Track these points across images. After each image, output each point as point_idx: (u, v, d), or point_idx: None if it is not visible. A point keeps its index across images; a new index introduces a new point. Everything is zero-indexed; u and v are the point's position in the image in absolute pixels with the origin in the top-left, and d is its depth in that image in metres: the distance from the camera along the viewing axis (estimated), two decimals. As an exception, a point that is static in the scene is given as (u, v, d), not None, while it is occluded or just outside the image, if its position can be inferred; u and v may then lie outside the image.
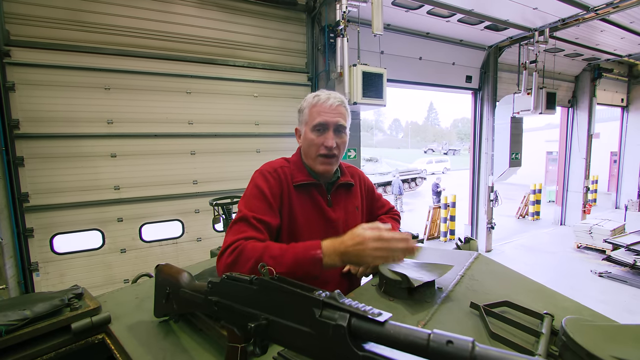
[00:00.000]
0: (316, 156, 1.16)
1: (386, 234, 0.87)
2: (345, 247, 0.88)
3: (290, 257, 0.90)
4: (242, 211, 1.05)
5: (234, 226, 1.03)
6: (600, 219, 7.43)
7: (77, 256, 3.57)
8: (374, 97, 4.28)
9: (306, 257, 0.89)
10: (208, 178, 4.17)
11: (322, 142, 1.14)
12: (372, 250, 0.86)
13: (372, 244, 0.86)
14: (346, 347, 0.41)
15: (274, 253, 0.92)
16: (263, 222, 1.04)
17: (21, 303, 0.88)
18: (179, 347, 0.83)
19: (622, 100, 10.34)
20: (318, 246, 0.90)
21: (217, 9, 4.03)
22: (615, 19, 5.74)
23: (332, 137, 1.14)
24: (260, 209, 1.06)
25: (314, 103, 1.16)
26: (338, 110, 1.15)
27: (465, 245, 1.43)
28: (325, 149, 1.14)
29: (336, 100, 1.16)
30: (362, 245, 0.86)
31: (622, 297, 5.00)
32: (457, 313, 0.87)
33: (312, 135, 1.15)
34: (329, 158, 1.15)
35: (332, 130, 1.15)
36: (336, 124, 1.15)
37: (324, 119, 1.13)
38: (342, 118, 1.16)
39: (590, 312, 0.87)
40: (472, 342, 0.33)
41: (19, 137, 3.20)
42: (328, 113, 1.14)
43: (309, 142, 1.16)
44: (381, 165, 17.76)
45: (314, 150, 1.16)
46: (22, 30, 3.15)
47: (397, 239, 0.87)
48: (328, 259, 0.89)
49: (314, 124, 1.14)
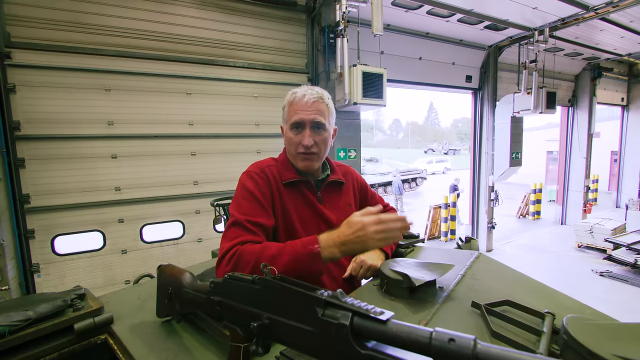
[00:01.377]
0: (296, 154, 1.15)
1: (384, 216, 0.90)
2: (344, 237, 0.89)
3: (288, 254, 0.90)
4: (235, 215, 1.04)
5: (228, 231, 1.02)
6: (601, 218, 7.42)
7: (78, 257, 3.57)
8: (374, 98, 4.28)
9: (305, 253, 0.89)
10: (208, 179, 4.17)
11: (299, 140, 1.12)
12: (373, 234, 0.87)
13: (373, 228, 0.87)
14: (349, 345, 0.41)
15: (272, 252, 0.91)
16: (257, 225, 1.03)
17: (24, 304, 0.88)
18: (182, 347, 0.83)
19: (622, 99, 10.33)
20: (315, 241, 0.90)
21: (217, 10, 4.03)
22: (615, 18, 5.74)
23: (308, 135, 1.11)
24: (253, 211, 1.05)
25: (291, 100, 1.14)
26: (315, 106, 1.11)
27: (466, 244, 1.44)
28: (302, 147, 1.12)
29: (312, 96, 1.11)
30: (362, 231, 0.87)
31: (623, 296, 5.00)
32: (459, 312, 0.87)
33: (291, 134, 1.14)
34: (308, 155, 1.14)
35: (309, 128, 1.12)
36: (312, 121, 1.11)
37: (300, 117, 1.11)
38: (320, 114, 1.12)
39: (591, 311, 0.87)
40: (474, 339, 0.33)
41: (19, 138, 3.20)
42: (304, 111, 1.10)
43: (288, 140, 1.15)
44: (381, 165, 17.78)
45: (293, 148, 1.15)
46: (22, 32, 3.16)
47: (394, 219, 0.90)
48: (327, 252, 0.89)
49: (291, 123, 1.13)
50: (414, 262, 1.09)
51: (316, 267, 0.89)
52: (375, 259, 1.16)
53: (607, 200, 12.49)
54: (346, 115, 4.67)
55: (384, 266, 1.05)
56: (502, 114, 7.01)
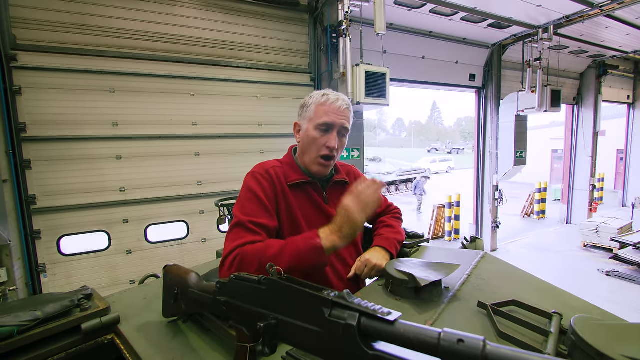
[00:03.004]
0: (316, 156, 1.15)
1: (356, 190, 0.95)
2: (337, 224, 0.93)
3: (290, 251, 0.91)
4: (238, 216, 1.04)
5: (231, 233, 1.02)
6: (607, 217, 7.35)
7: (84, 257, 3.60)
8: (377, 97, 4.27)
9: (307, 247, 0.91)
10: (212, 179, 4.19)
11: (325, 142, 1.13)
12: (354, 207, 0.92)
13: (353, 205, 0.92)
14: (356, 346, 0.41)
15: (274, 251, 0.92)
16: (260, 226, 1.03)
17: (32, 304, 0.89)
18: (188, 347, 0.83)
19: (628, 97, 10.23)
20: (316, 234, 0.93)
21: (220, 10, 4.04)
22: (621, 15, 5.68)
23: (335, 138, 1.13)
24: (256, 213, 1.05)
25: (322, 102, 1.15)
26: (345, 113, 1.16)
27: (472, 244, 1.43)
28: (327, 149, 1.13)
29: (344, 103, 1.17)
30: (345, 210, 0.93)
31: (630, 296, 4.95)
32: (465, 312, 0.87)
33: (315, 134, 1.14)
34: (327, 160, 1.16)
35: (337, 132, 1.14)
36: (342, 126, 1.15)
37: (332, 119, 1.13)
38: (348, 121, 1.17)
39: (599, 311, 0.87)
40: (483, 340, 0.33)
41: (26, 140, 3.23)
42: (336, 114, 1.13)
43: (311, 139, 1.15)
44: (384, 165, 17.72)
45: (314, 149, 1.15)
46: (28, 34, 3.19)
47: (366, 186, 0.95)
48: (327, 242, 0.92)
49: (320, 123, 1.13)
50: (419, 262, 1.08)
51: (320, 260, 0.91)
52: (380, 258, 1.16)
53: (613, 199, 12.39)
54: (349, 114, 4.66)
55: (389, 266, 1.05)
56: (506, 113, 6.97)
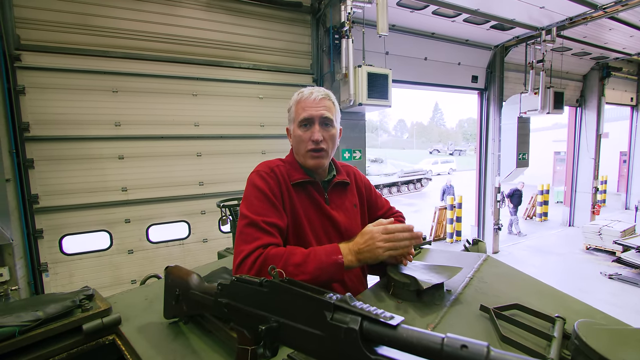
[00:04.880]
0: (305, 152, 1.15)
1: (390, 227, 0.95)
2: (358, 247, 0.95)
3: (313, 264, 0.92)
4: (249, 216, 1.02)
5: (244, 233, 1.00)
6: (609, 220, 7.32)
7: (86, 257, 3.61)
8: (379, 98, 4.27)
9: (329, 262, 0.92)
10: (214, 179, 4.20)
11: (309, 136, 1.12)
12: (381, 242, 0.93)
13: (380, 237, 0.93)
14: (358, 350, 0.41)
15: (298, 259, 0.92)
16: (273, 225, 1.02)
17: (34, 304, 0.89)
18: (189, 349, 0.83)
19: (632, 99, 10.18)
20: (338, 251, 0.94)
21: (223, 11, 4.06)
22: (624, 17, 5.66)
23: (317, 130, 1.12)
24: (267, 211, 1.04)
25: (298, 99, 1.15)
26: (322, 103, 1.13)
27: (474, 247, 1.42)
28: (312, 143, 1.12)
29: (320, 93, 1.14)
30: (372, 240, 0.93)
31: (633, 299, 4.93)
32: (467, 316, 0.86)
33: (299, 132, 1.14)
34: (317, 152, 1.14)
35: (318, 124, 1.13)
36: (321, 116, 1.12)
37: (309, 113, 1.12)
38: (327, 110, 1.14)
39: (602, 315, 0.86)
40: (487, 346, 0.33)
41: (29, 139, 3.25)
42: (312, 107, 1.12)
43: (297, 138, 1.15)
44: (386, 166, 17.68)
45: (302, 146, 1.14)
46: (32, 34, 3.21)
47: (401, 229, 0.96)
48: (347, 261, 0.94)
49: (300, 120, 1.13)
50: (421, 265, 1.08)
51: (339, 276, 0.93)
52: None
53: (616, 202, 12.32)
54: (351, 116, 4.67)
55: (391, 269, 1.05)
56: (509, 115, 6.95)
